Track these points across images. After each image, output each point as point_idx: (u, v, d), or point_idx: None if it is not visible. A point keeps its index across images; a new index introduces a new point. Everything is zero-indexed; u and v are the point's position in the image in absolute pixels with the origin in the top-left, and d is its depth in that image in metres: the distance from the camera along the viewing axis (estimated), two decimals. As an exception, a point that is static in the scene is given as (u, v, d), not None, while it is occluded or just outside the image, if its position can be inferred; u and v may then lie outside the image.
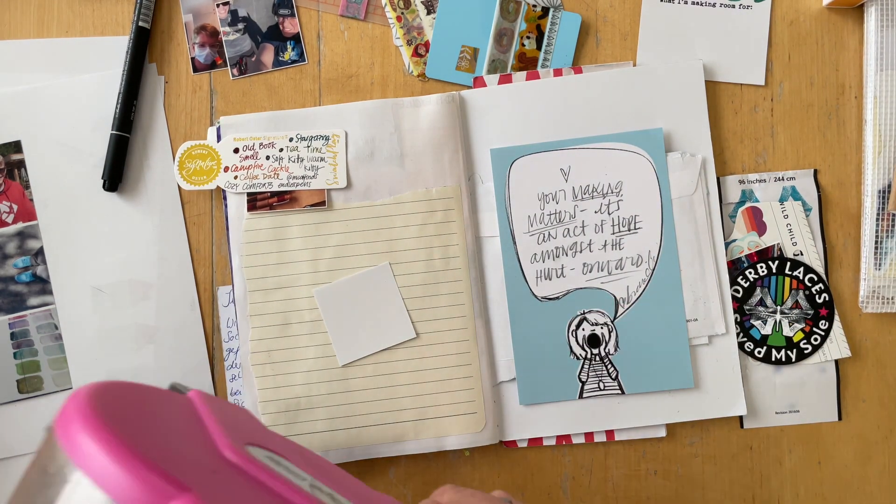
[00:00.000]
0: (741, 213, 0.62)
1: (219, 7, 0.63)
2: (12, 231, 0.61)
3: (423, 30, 0.63)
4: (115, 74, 0.62)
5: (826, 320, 0.61)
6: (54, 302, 0.61)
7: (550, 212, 0.61)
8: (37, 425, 0.61)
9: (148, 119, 0.63)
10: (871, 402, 0.62)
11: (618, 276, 0.61)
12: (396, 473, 0.62)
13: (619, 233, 0.61)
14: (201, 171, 0.61)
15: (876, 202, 0.61)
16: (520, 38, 0.63)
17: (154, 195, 0.62)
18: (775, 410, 0.61)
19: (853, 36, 0.63)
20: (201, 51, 0.63)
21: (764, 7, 0.63)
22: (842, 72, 0.63)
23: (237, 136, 0.61)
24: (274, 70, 0.63)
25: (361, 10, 0.63)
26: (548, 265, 0.61)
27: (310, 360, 0.60)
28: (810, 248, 0.62)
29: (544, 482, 0.62)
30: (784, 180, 0.62)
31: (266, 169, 0.61)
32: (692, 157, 0.61)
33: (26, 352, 0.61)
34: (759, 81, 0.63)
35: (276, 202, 0.61)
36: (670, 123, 0.62)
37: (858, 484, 0.62)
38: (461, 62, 0.63)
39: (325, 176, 0.61)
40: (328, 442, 0.60)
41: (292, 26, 0.63)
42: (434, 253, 0.60)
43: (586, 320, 0.61)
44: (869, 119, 0.62)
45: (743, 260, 0.62)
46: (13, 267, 0.61)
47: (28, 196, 0.61)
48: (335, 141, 0.61)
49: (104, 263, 0.62)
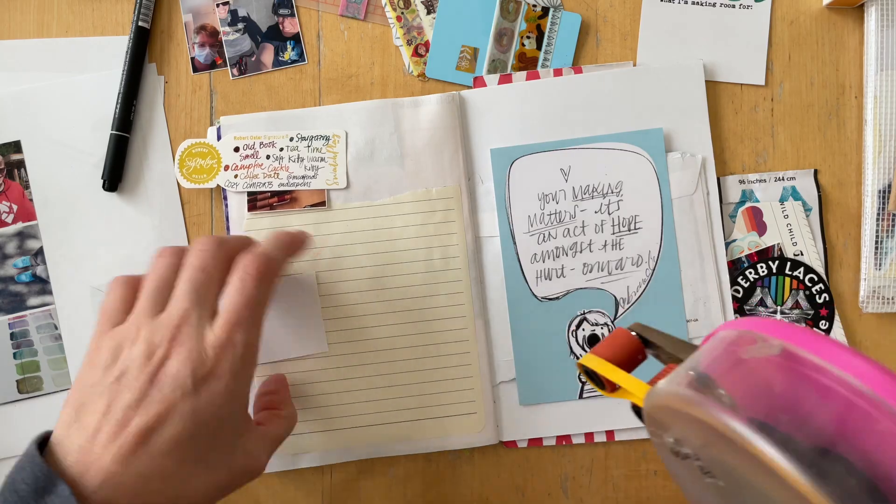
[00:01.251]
0: (741, 213, 0.62)
1: (218, 7, 0.63)
2: (12, 231, 0.61)
3: (423, 30, 0.63)
4: (115, 74, 0.62)
5: (826, 320, 0.61)
6: (54, 302, 0.61)
7: (550, 212, 0.61)
8: (37, 426, 0.61)
9: (148, 119, 0.63)
10: (872, 402, 0.62)
11: (618, 276, 0.61)
12: (396, 473, 0.62)
13: (620, 233, 0.61)
14: (201, 169, 0.61)
15: (876, 202, 0.61)
16: (520, 38, 0.63)
17: (154, 195, 0.62)
18: (775, 411, 0.61)
19: (853, 36, 0.63)
20: (201, 51, 0.63)
21: (764, 7, 0.63)
22: (842, 72, 0.63)
23: (237, 134, 0.61)
24: (274, 70, 0.63)
25: (361, 10, 0.63)
26: (548, 265, 0.61)
27: (309, 359, 0.60)
28: (810, 248, 0.62)
29: (544, 482, 0.62)
30: (784, 180, 0.62)
31: (266, 168, 0.61)
32: (692, 156, 0.61)
33: (26, 352, 0.61)
34: (759, 81, 0.63)
35: (276, 202, 0.61)
36: (670, 123, 0.61)
37: (859, 484, 0.61)
38: (461, 62, 0.63)
39: (325, 176, 0.61)
40: (327, 441, 0.60)
41: (292, 26, 0.63)
42: (434, 253, 0.60)
43: (586, 320, 0.61)
44: (869, 119, 0.62)
45: (743, 260, 0.62)
46: (13, 267, 0.61)
47: (28, 196, 0.61)
48: (335, 141, 0.61)
49: (104, 263, 0.62)
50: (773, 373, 0.33)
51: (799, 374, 0.32)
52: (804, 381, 0.32)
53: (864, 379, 0.31)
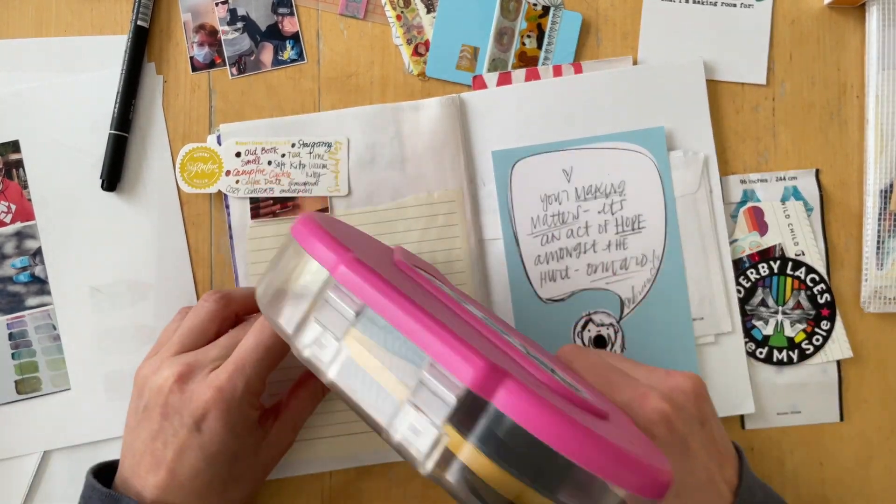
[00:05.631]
0: (742, 213, 0.62)
1: (218, 6, 0.63)
2: (10, 231, 0.61)
3: (423, 29, 0.63)
4: (114, 74, 0.61)
5: (828, 321, 0.61)
6: (52, 302, 0.61)
7: (553, 213, 0.61)
8: (35, 426, 0.60)
9: (146, 118, 0.62)
10: (873, 402, 0.62)
11: (622, 276, 0.61)
12: (395, 475, 0.61)
13: (623, 232, 0.61)
14: (203, 174, 0.60)
15: (878, 202, 0.61)
16: (520, 37, 0.62)
17: (153, 195, 0.62)
18: (777, 411, 0.61)
19: (855, 35, 0.63)
20: (200, 50, 0.63)
21: (765, 6, 0.63)
22: (843, 71, 0.63)
23: (239, 139, 0.61)
24: (273, 69, 0.63)
25: (361, 9, 0.63)
26: (552, 267, 0.61)
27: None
28: (812, 248, 0.61)
29: (546, 483, 0.61)
30: (786, 180, 0.62)
31: (268, 174, 0.60)
32: (695, 155, 0.61)
33: (24, 352, 0.61)
34: (760, 81, 0.63)
35: (279, 209, 0.60)
36: (672, 122, 0.61)
37: (860, 485, 0.62)
38: (461, 61, 0.62)
39: (326, 183, 0.60)
40: (328, 447, 0.60)
41: (291, 25, 0.63)
42: (437, 256, 0.60)
43: (592, 321, 0.61)
44: (871, 119, 0.62)
45: (744, 260, 0.62)
46: (11, 267, 0.61)
47: (26, 196, 0.61)
48: (338, 148, 0.60)
49: (102, 263, 0.61)
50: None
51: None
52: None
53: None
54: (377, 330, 0.36)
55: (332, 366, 0.37)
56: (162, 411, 0.49)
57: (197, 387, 0.49)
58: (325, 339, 0.37)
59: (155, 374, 0.50)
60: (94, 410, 0.60)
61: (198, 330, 0.53)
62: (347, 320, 0.37)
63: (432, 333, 0.34)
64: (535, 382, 0.36)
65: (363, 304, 0.36)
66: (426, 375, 0.33)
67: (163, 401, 0.49)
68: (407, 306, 0.35)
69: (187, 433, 0.48)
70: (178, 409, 0.49)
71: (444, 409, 0.32)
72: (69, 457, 0.61)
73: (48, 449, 0.61)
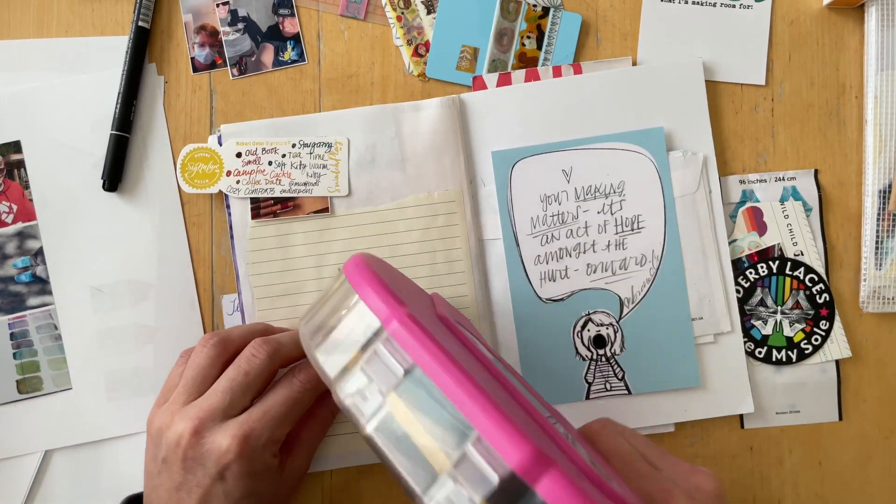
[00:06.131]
0: (742, 214, 0.62)
1: (218, 7, 0.63)
2: (12, 231, 0.61)
3: (424, 29, 0.63)
4: (115, 74, 0.62)
5: (827, 320, 0.61)
6: (54, 302, 0.61)
7: (553, 213, 0.61)
8: (36, 426, 0.61)
9: (147, 119, 0.62)
10: (872, 402, 0.62)
11: (622, 276, 0.61)
12: (397, 474, 0.62)
13: (623, 233, 0.61)
14: (203, 174, 0.61)
15: (877, 202, 0.61)
16: (520, 38, 0.63)
17: (153, 195, 0.62)
18: (776, 411, 0.62)
19: (853, 36, 0.63)
20: (201, 51, 0.63)
21: (764, 7, 0.63)
22: (842, 72, 0.63)
23: (240, 140, 0.61)
24: (274, 70, 0.63)
25: (361, 10, 0.63)
26: (552, 267, 0.61)
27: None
28: (811, 248, 0.62)
29: (546, 482, 0.62)
30: (784, 180, 0.62)
31: (268, 174, 0.60)
32: (694, 155, 0.61)
33: (26, 352, 0.61)
34: (759, 81, 0.63)
35: (279, 209, 0.61)
36: (671, 123, 0.62)
37: (859, 484, 0.62)
38: (461, 62, 0.63)
39: (327, 183, 0.60)
40: (329, 445, 0.60)
41: (292, 26, 0.63)
42: (437, 257, 0.60)
43: (591, 321, 0.61)
44: (870, 119, 0.62)
45: (743, 260, 0.62)
46: (13, 267, 0.61)
47: (27, 196, 0.61)
48: (338, 149, 0.61)
49: (103, 263, 0.62)
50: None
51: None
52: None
53: None
54: (424, 393, 0.35)
55: (372, 420, 0.36)
56: (182, 465, 0.50)
57: (215, 437, 0.49)
58: (369, 391, 0.37)
59: (169, 430, 0.51)
60: (95, 410, 0.61)
61: (200, 378, 0.53)
62: (396, 377, 0.36)
63: (482, 408, 0.33)
64: (576, 473, 0.36)
65: (413, 363, 0.36)
66: (471, 449, 0.33)
67: (181, 455, 0.49)
68: (458, 375, 0.34)
69: (211, 482, 0.49)
70: (199, 461, 0.49)
71: (485, 486, 0.32)
72: (70, 456, 0.61)
73: (49, 448, 0.61)
